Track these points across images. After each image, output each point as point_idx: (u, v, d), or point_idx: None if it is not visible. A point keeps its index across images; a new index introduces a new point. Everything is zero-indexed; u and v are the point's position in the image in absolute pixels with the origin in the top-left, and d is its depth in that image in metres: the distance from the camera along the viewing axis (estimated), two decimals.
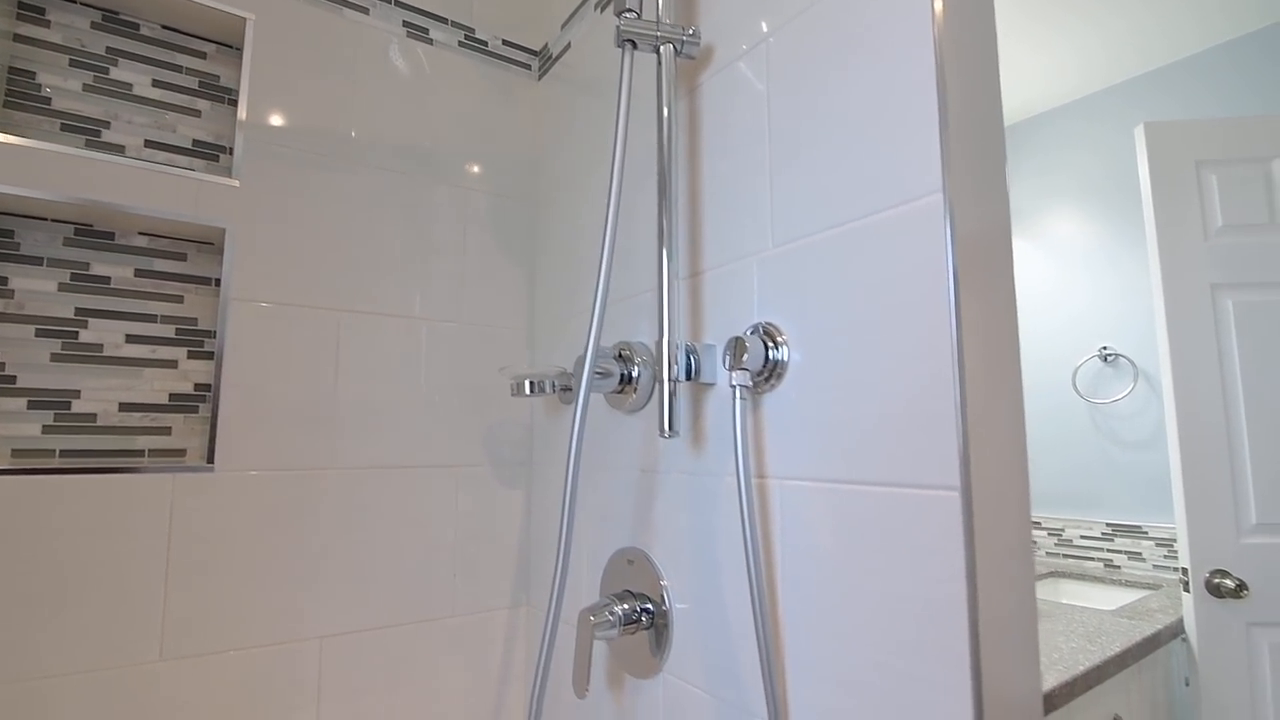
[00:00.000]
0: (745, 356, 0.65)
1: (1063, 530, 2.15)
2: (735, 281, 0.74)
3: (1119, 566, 2.02)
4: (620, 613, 0.82)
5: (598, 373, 0.84)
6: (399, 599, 1.08)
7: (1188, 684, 1.47)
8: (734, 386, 0.66)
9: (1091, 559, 2.08)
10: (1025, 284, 2.31)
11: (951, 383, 0.51)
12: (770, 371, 0.67)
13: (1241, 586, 1.40)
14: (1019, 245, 2.33)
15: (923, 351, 0.54)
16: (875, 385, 0.58)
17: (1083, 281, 2.16)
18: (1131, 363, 2.02)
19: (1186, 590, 1.45)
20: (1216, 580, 1.42)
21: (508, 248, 1.24)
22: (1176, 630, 1.47)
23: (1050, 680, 1.08)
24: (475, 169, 1.25)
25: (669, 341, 0.72)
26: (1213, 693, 1.41)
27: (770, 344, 0.67)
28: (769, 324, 0.69)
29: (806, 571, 0.63)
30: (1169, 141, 1.56)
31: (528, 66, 1.35)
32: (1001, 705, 0.50)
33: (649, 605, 0.84)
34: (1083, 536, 2.11)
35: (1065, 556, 2.14)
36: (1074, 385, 2.15)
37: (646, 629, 0.84)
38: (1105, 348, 2.08)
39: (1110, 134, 2.14)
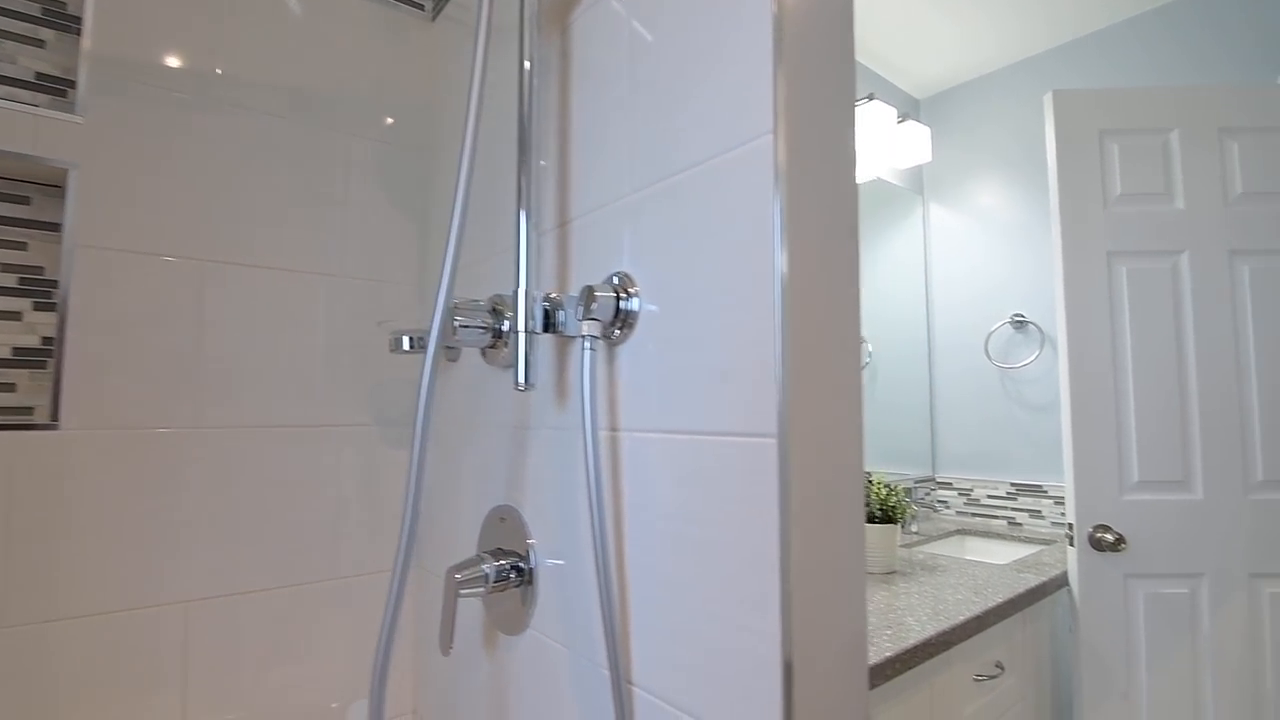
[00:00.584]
0: (595, 306, 0.63)
1: (971, 490, 2.24)
2: (599, 230, 0.72)
3: (1021, 524, 2.11)
4: (488, 571, 0.81)
5: (469, 326, 0.81)
6: (276, 562, 1.04)
7: (1071, 631, 1.56)
8: (582, 338, 0.64)
9: (997, 517, 2.17)
10: (944, 252, 2.35)
11: (773, 333, 0.50)
12: (623, 322, 0.66)
13: (1120, 540, 1.47)
14: (940, 215, 2.37)
15: (752, 301, 0.52)
16: (715, 335, 0.56)
17: (1000, 250, 2.21)
18: (1040, 329, 2.09)
19: (1072, 544, 1.52)
20: (1098, 535, 1.49)
21: (398, 199, 1.19)
22: (1061, 582, 1.54)
23: (930, 630, 1.12)
24: (363, 115, 1.18)
25: (525, 292, 0.69)
26: (1091, 638, 1.50)
27: (622, 294, 0.65)
28: (624, 274, 0.67)
29: (650, 523, 0.62)
30: (1075, 110, 1.58)
31: (421, 6, 1.28)
32: (815, 653, 0.51)
33: (519, 563, 0.82)
34: (989, 496, 2.19)
35: (974, 515, 2.23)
36: (986, 351, 2.21)
37: (517, 586, 0.83)
38: (1017, 314, 2.15)
39: (1025, 106, 2.17)
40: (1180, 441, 1.52)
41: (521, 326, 0.68)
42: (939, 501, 2.33)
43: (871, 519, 1.53)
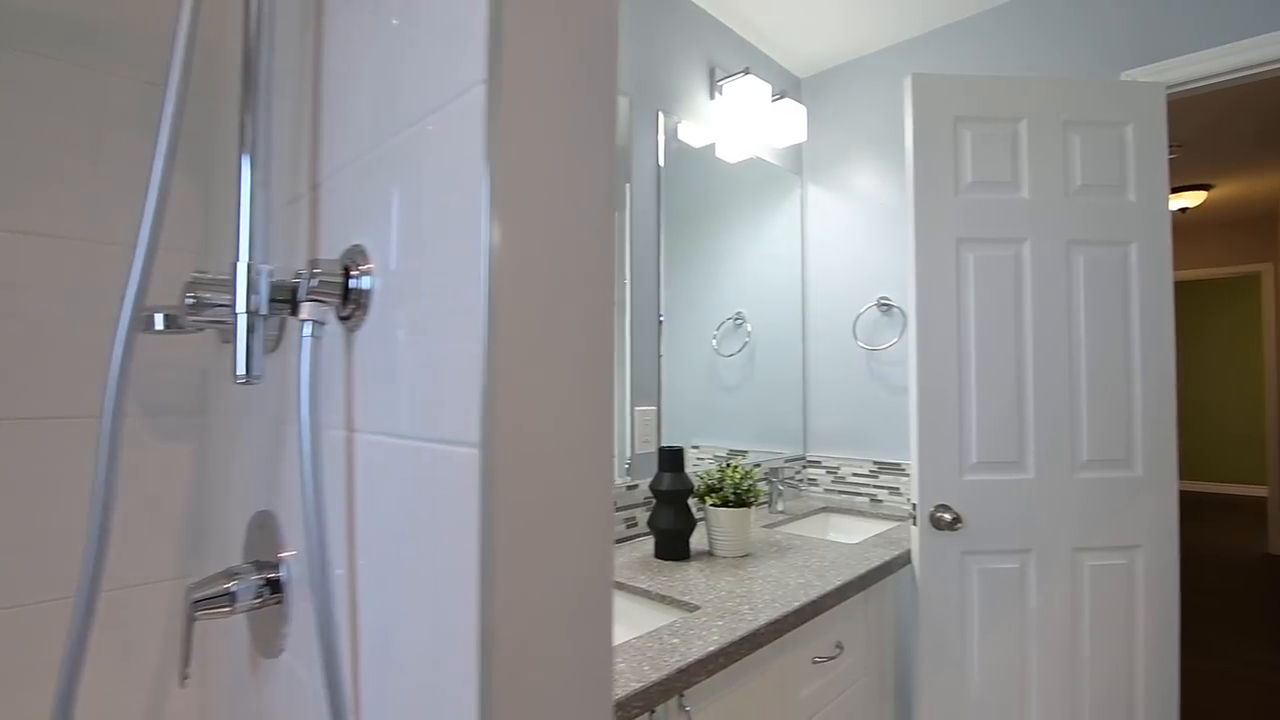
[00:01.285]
0: (315, 284, 0.53)
1: (839, 468, 2.29)
2: (344, 194, 0.61)
3: (882, 501, 2.18)
4: (234, 589, 0.70)
5: (211, 304, 0.68)
6: (12, 576, 0.88)
7: (914, 607, 1.61)
8: (302, 322, 0.54)
9: (860, 494, 2.24)
10: (821, 234, 2.36)
11: (480, 324, 0.42)
12: (355, 303, 0.56)
13: (958, 519, 1.52)
14: (818, 196, 2.37)
15: (464, 286, 0.44)
16: (435, 324, 0.48)
17: (872, 233, 2.24)
18: (903, 312, 2.14)
19: (915, 523, 1.56)
20: (938, 514, 1.54)
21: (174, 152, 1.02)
22: (905, 560, 1.59)
23: (762, 619, 1.10)
24: (123, 48, 1.00)
25: (248, 265, 0.58)
26: (930, 613, 1.55)
27: (352, 270, 0.56)
28: (358, 246, 0.57)
29: (373, 544, 0.54)
30: (932, 95, 1.59)
31: None
32: (529, 700, 0.44)
33: (273, 577, 0.72)
34: (854, 474, 2.25)
35: (840, 493, 2.28)
36: (854, 332, 2.25)
37: (274, 604, 0.72)
38: (883, 298, 2.19)
39: (899, 89, 2.20)
40: (1016, 424, 1.58)
41: (242, 306, 0.57)
42: (809, 480, 2.37)
43: (725, 503, 1.51)
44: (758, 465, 2.13)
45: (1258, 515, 6.00)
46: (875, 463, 2.20)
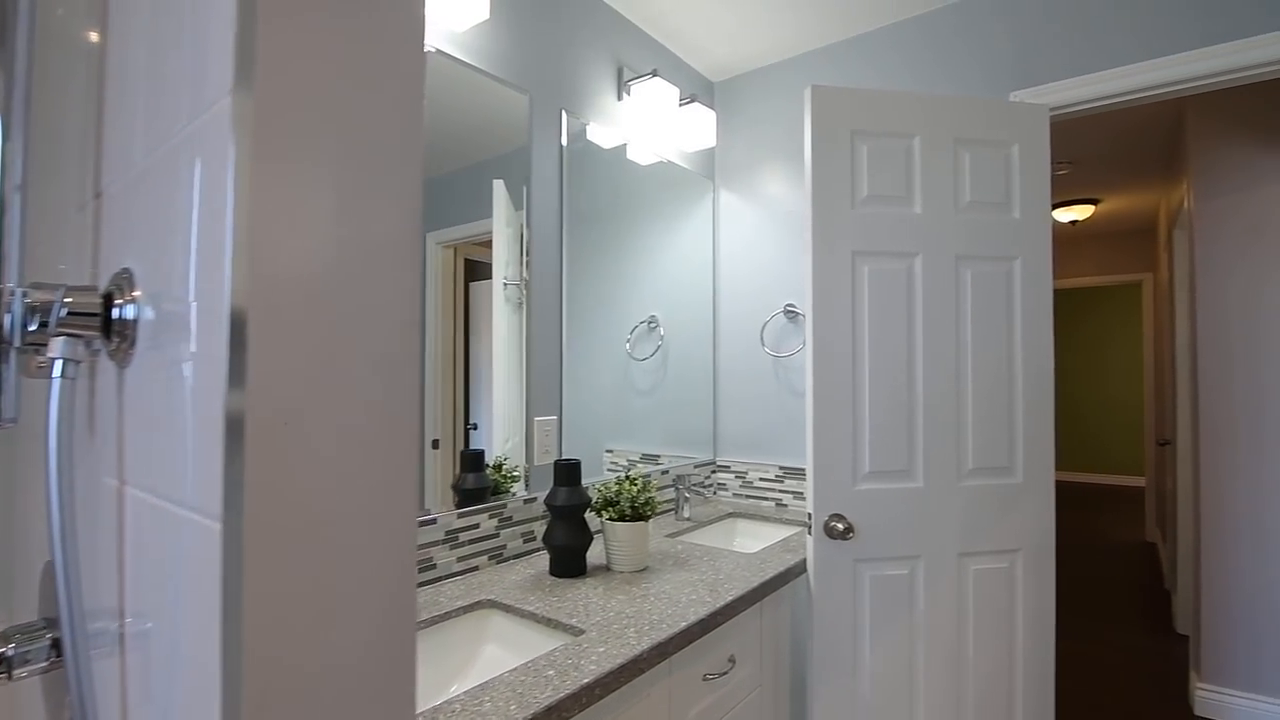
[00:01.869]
0: (65, 314, 0.45)
1: (747, 473, 2.30)
2: (121, 208, 0.53)
3: (787, 505, 2.21)
4: (9, 652, 0.61)
5: None
6: None
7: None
8: (51, 360, 0.46)
9: (766, 499, 2.26)
10: (732, 239, 2.37)
11: (221, 367, 0.36)
12: (121, 337, 0.48)
13: (850, 529, 1.54)
14: (730, 201, 2.37)
15: (212, 320, 0.38)
16: (183, 363, 0.41)
17: (780, 241, 2.26)
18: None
19: (810, 533, 1.58)
20: (832, 523, 1.56)
21: None
22: (802, 569, 1.60)
23: (645, 643, 1.08)
24: None
25: None
26: (824, 620, 1.56)
27: (117, 299, 0.48)
28: (127, 269, 0.49)
29: (144, 611, 0.47)
30: (830, 107, 1.60)
31: None
32: None
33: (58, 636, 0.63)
34: (762, 478, 2.27)
35: (748, 498, 2.30)
36: (761, 338, 2.26)
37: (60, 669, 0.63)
38: (790, 305, 2.21)
39: (802, 99, 2.22)
40: (906, 433, 1.62)
41: None
42: (719, 485, 2.38)
43: (623, 517, 1.47)
44: (665, 471, 2.12)
45: (1139, 504, 6.51)
46: (781, 468, 2.22)
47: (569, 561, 1.44)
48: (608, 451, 1.96)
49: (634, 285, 2.05)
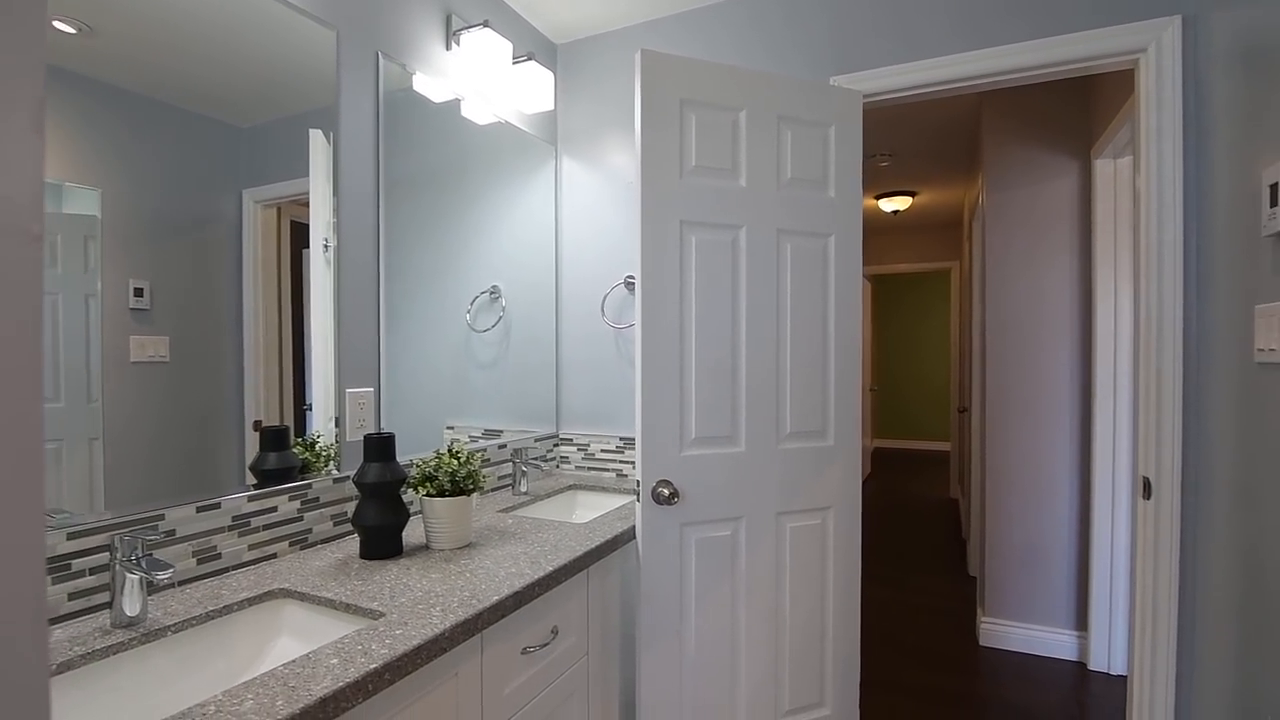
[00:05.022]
0: None
1: (589, 445, 2.29)
2: None
3: (626, 475, 2.22)
4: None
5: None
6: None
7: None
8: None
9: (608, 470, 2.26)
10: (575, 208, 2.32)
11: None
12: None
13: (675, 494, 1.57)
14: (573, 169, 2.32)
15: None
16: None
17: (622, 210, 2.25)
18: None
19: (639, 500, 1.59)
20: (659, 489, 1.58)
21: None
22: (632, 535, 1.61)
23: (449, 621, 1.02)
24: None
25: None
26: (652, 585, 1.59)
27: None
28: None
29: None
30: (661, 74, 1.59)
31: None
32: None
33: None
34: (603, 450, 2.27)
35: (589, 470, 2.29)
36: (603, 310, 2.25)
37: None
38: (630, 276, 2.21)
39: None
40: (730, 400, 1.67)
41: None
42: (562, 458, 2.35)
43: (442, 492, 1.39)
44: (503, 446, 2.05)
45: (946, 466, 7.38)
46: (621, 438, 2.23)
47: (382, 542, 1.34)
48: (448, 429, 1.86)
49: (475, 254, 1.95)
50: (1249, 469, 1.28)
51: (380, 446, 1.36)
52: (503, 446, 2.05)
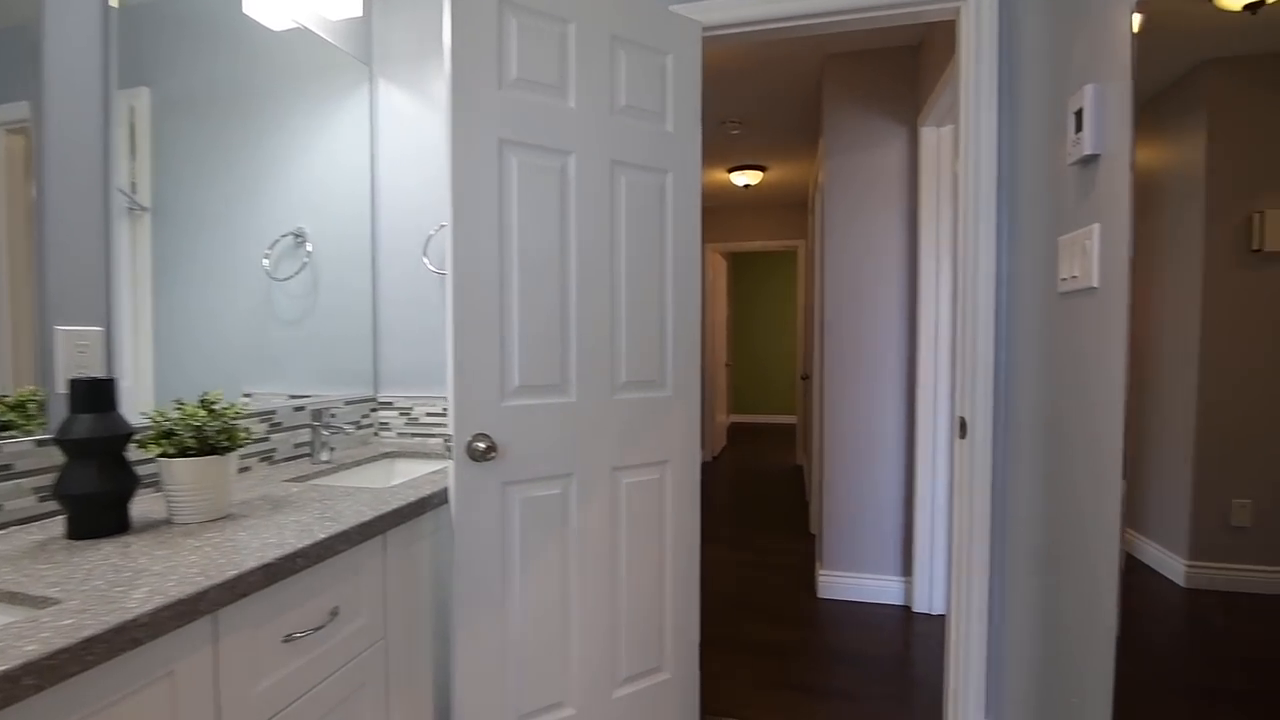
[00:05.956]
0: None
1: (412, 409, 2.04)
2: None
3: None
4: None
5: None
6: None
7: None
8: None
9: (435, 435, 2.03)
10: (394, 140, 2.04)
11: None
12: None
13: (491, 448, 1.39)
14: (392, 95, 2.03)
15: None
16: None
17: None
18: None
19: (453, 456, 1.39)
20: (475, 443, 1.39)
21: None
22: (444, 499, 1.41)
23: (153, 604, 0.77)
24: None
25: None
26: (469, 551, 1.40)
27: None
28: None
29: None
30: None
31: None
32: None
33: None
34: (429, 414, 2.03)
35: (414, 435, 2.04)
36: (425, 254, 2.00)
37: None
38: None
39: None
40: (560, 346, 1.51)
41: None
42: (381, 424, 2.08)
43: (184, 451, 1.11)
44: (301, 409, 1.75)
45: (791, 437, 7.78)
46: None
47: (94, 516, 1.04)
48: (245, 396, 1.55)
49: (274, 190, 1.63)
50: (1053, 401, 1.33)
51: (93, 394, 1.05)
52: (300, 410, 1.75)
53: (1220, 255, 0.76)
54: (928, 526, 2.68)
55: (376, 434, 2.08)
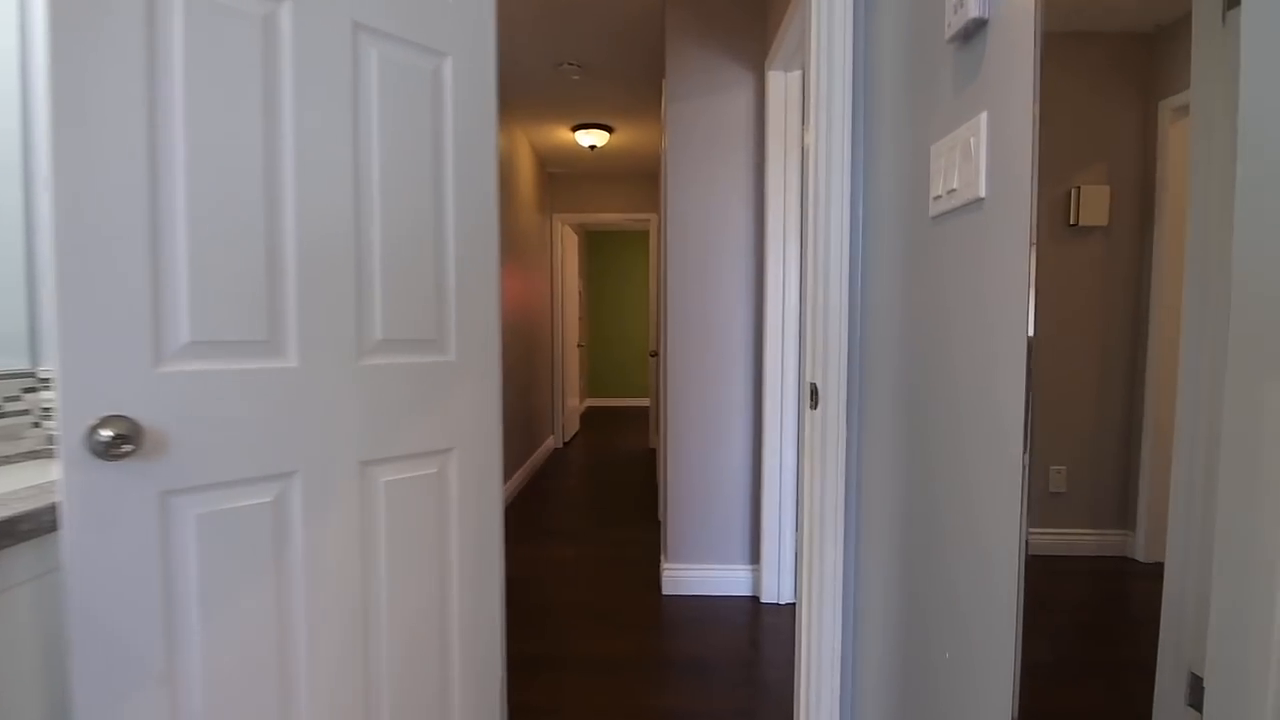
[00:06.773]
0: None
1: None
2: None
3: None
4: None
5: None
6: None
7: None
8: None
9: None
10: None
11: None
12: None
13: (127, 438, 0.88)
14: None
15: None
16: None
17: None
18: None
19: (60, 455, 0.87)
20: (100, 432, 0.87)
21: None
22: (52, 523, 0.88)
23: None
24: None
25: None
26: (97, 608, 0.89)
27: None
28: None
29: None
30: None
31: None
32: None
33: None
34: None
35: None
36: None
37: None
38: None
39: None
40: (267, 286, 1.03)
41: None
42: (43, 410, 1.45)
43: None
44: None
45: (646, 420, 7.60)
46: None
47: None
48: None
49: None
50: (923, 354, 1.07)
51: None
52: None
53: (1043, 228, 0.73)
54: (775, 510, 2.47)
55: (38, 425, 1.45)
